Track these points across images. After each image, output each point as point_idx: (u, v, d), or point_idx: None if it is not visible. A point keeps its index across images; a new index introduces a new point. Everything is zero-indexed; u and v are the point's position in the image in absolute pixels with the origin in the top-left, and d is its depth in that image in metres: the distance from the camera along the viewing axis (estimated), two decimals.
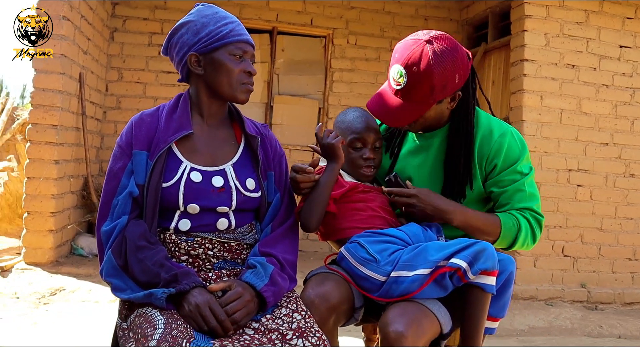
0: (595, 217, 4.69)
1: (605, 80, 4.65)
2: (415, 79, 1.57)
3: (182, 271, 1.40)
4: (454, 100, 1.67)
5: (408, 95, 1.61)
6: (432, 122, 1.70)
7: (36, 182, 4.11)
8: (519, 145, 1.68)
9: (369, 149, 1.73)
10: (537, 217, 1.70)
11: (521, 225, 1.66)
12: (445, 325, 1.48)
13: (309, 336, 1.33)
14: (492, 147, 1.65)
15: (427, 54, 1.55)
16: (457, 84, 1.63)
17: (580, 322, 4.26)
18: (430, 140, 1.76)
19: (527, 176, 1.69)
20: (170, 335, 1.25)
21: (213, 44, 1.52)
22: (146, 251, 1.42)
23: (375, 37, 5.76)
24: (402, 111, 1.63)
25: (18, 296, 3.72)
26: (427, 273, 1.45)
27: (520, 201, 1.68)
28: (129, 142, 1.53)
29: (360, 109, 1.81)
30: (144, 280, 1.40)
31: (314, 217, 1.62)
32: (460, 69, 1.61)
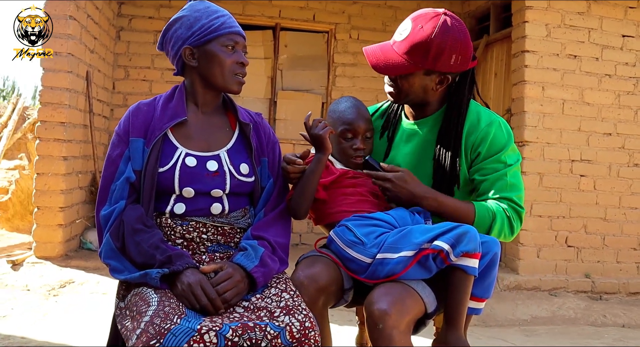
0: (599, 207, 4.68)
1: (607, 70, 4.64)
2: (415, 36, 1.65)
3: (176, 253, 1.47)
4: (441, 83, 1.71)
5: (402, 47, 1.67)
6: (416, 94, 1.72)
7: (45, 178, 4.21)
8: (504, 135, 1.70)
9: (359, 139, 1.77)
10: (515, 209, 1.69)
11: (496, 214, 1.65)
12: (429, 304, 1.52)
13: (296, 313, 1.39)
14: (478, 136, 1.68)
15: (438, 21, 1.64)
16: (451, 66, 1.66)
17: (584, 312, 4.27)
18: (421, 127, 1.80)
19: (511, 167, 1.69)
20: (162, 311, 1.31)
21: (206, 36, 1.58)
22: (142, 234, 1.49)
23: (378, 31, 5.79)
24: (392, 60, 1.68)
25: (29, 288, 3.82)
26: (411, 255, 1.50)
27: (500, 190, 1.67)
28: (127, 130, 1.60)
29: (353, 98, 1.85)
30: (140, 261, 1.47)
31: (302, 205, 1.68)
32: (459, 53, 1.65)
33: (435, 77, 1.69)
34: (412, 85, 1.70)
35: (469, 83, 1.75)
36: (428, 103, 1.77)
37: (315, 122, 1.64)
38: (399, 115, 1.88)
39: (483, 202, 1.68)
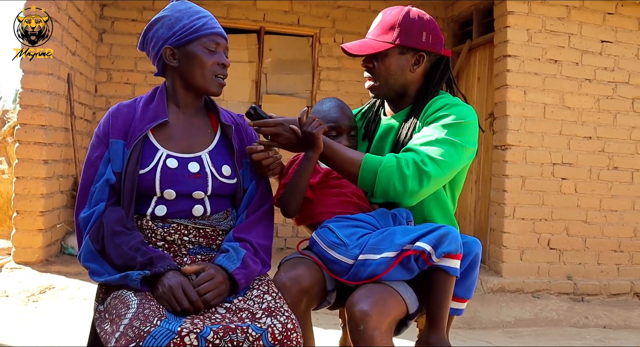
0: (580, 210, 4.74)
1: (587, 75, 4.70)
2: (384, 19, 1.74)
3: (157, 255, 1.45)
4: (418, 62, 1.73)
5: (374, 32, 1.76)
6: (394, 78, 1.74)
7: (25, 181, 4.14)
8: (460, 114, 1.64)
9: (344, 137, 1.77)
10: (416, 161, 1.56)
11: (383, 160, 1.56)
12: (411, 305, 1.52)
13: (278, 315, 1.38)
14: (435, 108, 1.69)
15: (404, 7, 1.77)
16: (423, 44, 1.71)
17: (566, 313, 4.32)
18: (397, 119, 1.81)
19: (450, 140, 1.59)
20: (142, 314, 1.29)
21: (187, 37, 1.57)
22: (123, 236, 1.47)
23: (362, 35, 5.68)
24: (366, 43, 1.75)
25: (7, 294, 3.75)
26: (393, 256, 1.50)
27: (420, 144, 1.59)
28: (106, 132, 1.58)
29: (336, 98, 1.87)
30: (120, 264, 1.45)
31: (293, 204, 1.67)
32: (429, 31, 1.72)
33: (411, 56, 1.73)
34: (389, 67, 1.73)
35: (442, 69, 1.77)
36: (407, 92, 1.78)
37: (309, 120, 1.60)
38: (379, 114, 1.89)
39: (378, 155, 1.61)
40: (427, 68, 1.77)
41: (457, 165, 1.62)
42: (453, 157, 1.59)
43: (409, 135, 1.71)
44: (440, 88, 1.79)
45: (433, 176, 1.56)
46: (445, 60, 1.78)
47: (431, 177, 1.55)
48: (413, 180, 1.55)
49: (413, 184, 1.55)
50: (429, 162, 1.56)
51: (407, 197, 1.58)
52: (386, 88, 1.76)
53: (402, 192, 1.56)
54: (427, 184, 1.56)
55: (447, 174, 1.60)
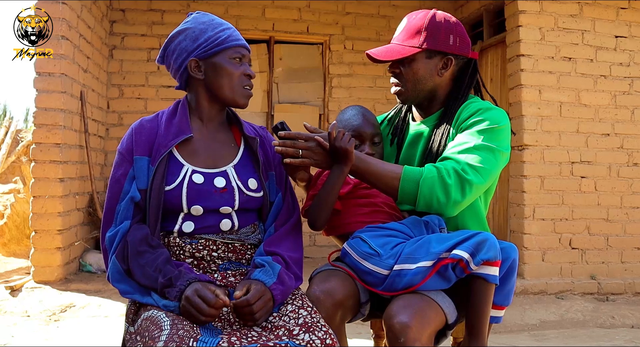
0: (601, 208, 4.67)
1: (602, 71, 4.65)
2: (410, 24, 1.71)
3: (176, 274, 1.41)
4: (446, 66, 1.70)
5: (400, 37, 1.72)
6: (423, 83, 1.70)
7: (42, 200, 4.15)
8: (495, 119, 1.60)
9: (367, 144, 1.74)
10: (457, 170, 1.51)
11: (424, 171, 1.52)
12: (450, 315, 1.48)
13: (316, 330, 1.34)
14: (469, 113, 1.65)
15: (430, 11, 1.73)
16: (451, 47, 1.68)
17: (592, 314, 4.24)
18: (427, 125, 1.77)
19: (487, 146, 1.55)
20: (176, 335, 1.26)
21: (213, 48, 1.55)
22: (147, 255, 1.44)
23: (372, 41, 5.80)
24: (392, 49, 1.71)
25: (29, 314, 3.74)
26: (430, 265, 1.45)
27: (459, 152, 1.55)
28: (130, 149, 1.55)
29: (358, 106, 1.83)
30: (146, 284, 1.43)
31: (321, 217, 1.63)
32: (456, 34, 1.68)
33: (438, 60, 1.69)
34: (416, 72, 1.69)
35: (471, 72, 1.74)
36: (436, 96, 1.75)
37: (339, 134, 1.54)
38: (407, 120, 1.86)
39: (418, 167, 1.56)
40: (455, 72, 1.74)
41: (496, 171, 1.59)
42: (492, 163, 1.56)
43: (442, 143, 1.67)
44: (470, 92, 1.76)
45: (475, 184, 1.52)
46: (474, 63, 1.75)
47: (473, 185, 1.52)
48: (456, 189, 1.51)
49: (456, 193, 1.51)
50: (469, 170, 1.52)
51: (451, 208, 1.53)
52: (414, 93, 1.73)
53: (446, 203, 1.51)
54: (469, 193, 1.52)
55: (488, 181, 1.56)
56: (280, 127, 1.59)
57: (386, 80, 5.88)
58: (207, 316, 1.34)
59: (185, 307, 1.35)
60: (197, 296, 1.34)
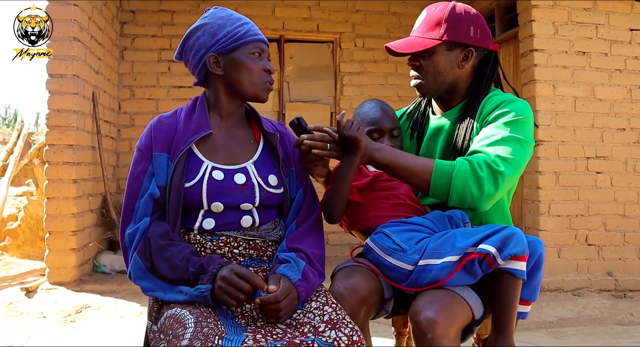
0: (617, 203, 4.61)
1: (617, 65, 4.59)
2: (430, 16, 1.68)
3: (206, 260, 1.41)
4: (466, 58, 1.67)
5: (420, 29, 1.70)
6: (443, 75, 1.67)
7: (56, 202, 4.16)
8: (519, 110, 1.58)
9: (386, 138, 1.72)
10: (488, 163, 1.49)
11: (456, 164, 1.49)
12: (477, 311, 1.46)
13: (342, 327, 1.32)
14: (492, 105, 1.63)
15: (450, 3, 1.71)
16: (471, 39, 1.65)
17: (610, 310, 4.19)
18: (448, 118, 1.75)
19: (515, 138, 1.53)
20: (201, 333, 1.24)
21: (232, 44, 1.54)
22: (171, 248, 1.42)
23: (383, 38, 5.77)
24: (412, 41, 1.69)
25: (44, 315, 3.75)
26: (456, 260, 1.43)
27: (488, 144, 1.52)
28: (149, 145, 1.54)
29: (376, 99, 1.81)
30: (174, 277, 1.41)
31: (336, 209, 1.61)
32: (476, 26, 1.66)
33: (459, 52, 1.67)
34: (437, 65, 1.67)
35: (492, 64, 1.71)
36: (457, 89, 1.72)
37: (349, 123, 1.52)
38: (427, 113, 1.83)
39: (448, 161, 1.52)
40: (475, 64, 1.71)
41: (525, 162, 1.57)
42: (521, 154, 1.54)
43: (467, 137, 1.64)
44: (491, 84, 1.73)
45: (507, 176, 1.49)
46: (494, 55, 1.72)
47: (505, 177, 1.49)
48: (489, 182, 1.48)
49: (489, 186, 1.47)
50: (500, 162, 1.49)
51: (484, 201, 1.50)
52: (435, 86, 1.70)
53: (479, 197, 1.48)
54: (502, 185, 1.49)
55: (518, 172, 1.54)
56: (297, 123, 1.57)
57: (397, 78, 5.88)
58: (247, 293, 1.32)
59: (222, 287, 1.33)
60: (235, 275, 1.33)
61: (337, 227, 1.81)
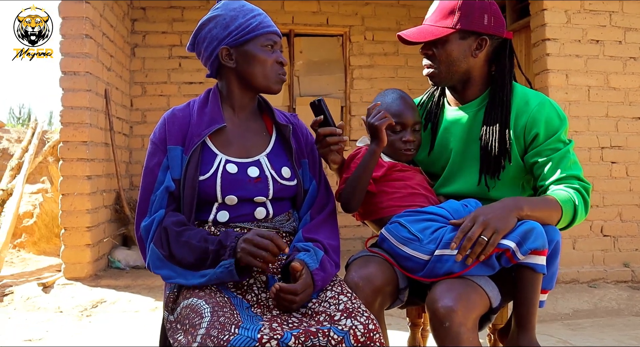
0: (633, 194, 4.55)
1: (632, 53, 4.52)
2: (442, 4, 1.66)
3: (223, 235, 1.42)
4: (480, 46, 1.64)
5: (433, 18, 1.67)
6: (457, 64, 1.65)
7: (71, 198, 4.20)
8: (559, 115, 1.63)
9: (408, 131, 1.70)
10: (585, 186, 1.59)
11: (575, 199, 1.54)
12: (494, 299, 1.45)
13: (357, 315, 1.32)
14: (530, 116, 1.61)
15: None
16: (485, 27, 1.62)
17: (627, 302, 4.15)
18: (466, 111, 1.73)
19: (569, 145, 1.62)
20: (218, 322, 1.25)
21: (244, 36, 1.53)
22: (187, 233, 1.43)
23: (392, 31, 5.73)
24: (426, 29, 1.67)
25: (61, 310, 3.79)
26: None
27: (567, 169, 1.57)
28: (163, 138, 1.54)
29: (398, 90, 1.78)
30: (193, 259, 1.41)
31: (355, 199, 1.60)
32: (491, 13, 1.63)
33: (472, 40, 1.64)
34: (450, 54, 1.64)
35: (509, 53, 1.69)
36: (471, 78, 1.70)
37: (375, 111, 1.52)
38: (442, 104, 1.81)
39: (558, 192, 1.55)
40: (489, 52, 1.68)
41: None
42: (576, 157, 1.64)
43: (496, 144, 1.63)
44: (512, 78, 1.69)
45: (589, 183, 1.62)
46: (509, 43, 1.69)
47: (590, 185, 1.61)
48: (589, 202, 1.59)
49: (589, 204, 1.60)
50: (581, 176, 1.60)
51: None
52: (448, 75, 1.68)
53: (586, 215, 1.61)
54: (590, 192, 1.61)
55: None
56: (317, 104, 1.58)
57: (408, 71, 5.84)
58: (272, 252, 1.33)
59: (246, 249, 1.34)
60: (257, 236, 1.34)
61: (349, 221, 1.81)
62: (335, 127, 1.56)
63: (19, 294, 4.06)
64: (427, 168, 1.82)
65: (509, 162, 1.64)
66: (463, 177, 1.72)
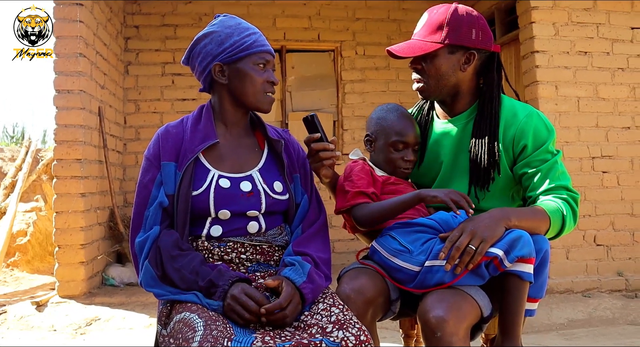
0: (624, 202, 4.59)
1: (620, 64, 4.59)
2: (431, 19, 1.68)
3: (215, 274, 1.42)
4: (469, 61, 1.67)
5: (422, 33, 1.69)
6: (446, 79, 1.67)
7: (65, 216, 4.19)
8: (546, 126, 1.66)
9: (410, 150, 1.73)
10: (573, 196, 1.62)
11: (563, 209, 1.57)
12: (485, 308, 1.46)
13: (349, 327, 1.33)
14: (519, 128, 1.63)
15: (451, 5, 1.69)
16: (473, 41, 1.64)
17: (621, 311, 4.15)
18: (455, 124, 1.75)
19: (557, 156, 1.64)
20: (210, 335, 1.26)
21: (238, 54, 1.55)
22: (180, 259, 1.45)
23: (383, 45, 5.79)
24: (414, 45, 1.68)
25: (55, 328, 3.77)
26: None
27: (555, 179, 1.60)
28: (157, 154, 1.56)
29: (401, 107, 1.81)
30: (185, 287, 1.44)
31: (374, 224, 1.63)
32: (479, 28, 1.65)
33: (461, 55, 1.66)
34: (439, 68, 1.66)
35: (497, 66, 1.71)
36: (459, 92, 1.72)
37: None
38: (431, 117, 1.84)
39: (546, 202, 1.58)
40: (477, 66, 1.70)
41: None
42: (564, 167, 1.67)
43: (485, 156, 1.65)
44: (500, 91, 1.72)
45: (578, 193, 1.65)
46: (497, 57, 1.72)
47: (579, 195, 1.64)
48: (577, 211, 1.62)
49: (578, 213, 1.62)
50: (570, 186, 1.62)
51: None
52: (437, 89, 1.70)
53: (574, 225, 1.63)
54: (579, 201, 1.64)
55: None
56: (310, 119, 1.60)
57: (399, 84, 5.90)
58: (254, 313, 1.34)
59: (231, 305, 1.36)
60: (244, 294, 1.36)
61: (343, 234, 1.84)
62: (328, 143, 1.59)
63: (12, 313, 4.04)
64: (417, 180, 1.84)
65: (498, 173, 1.66)
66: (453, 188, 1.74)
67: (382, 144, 1.73)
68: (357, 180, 1.64)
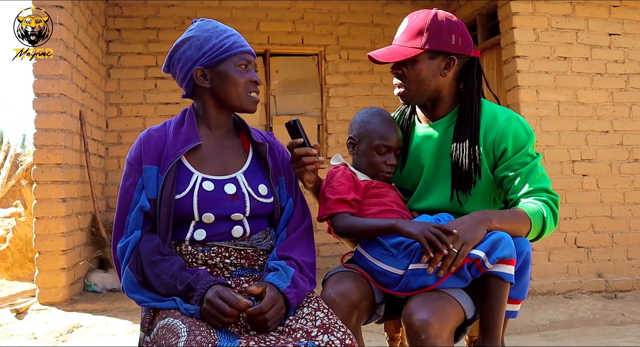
0: (604, 205, 4.67)
1: (598, 69, 4.68)
2: (411, 24, 1.70)
3: (193, 279, 1.41)
4: (449, 66, 1.69)
5: (402, 38, 1.71)
6: (426, 83, 1.69)
7: (45, 221, 4.13)
8: (526, 129, 1.68)
9: (392, 155, 1.74)
10: (553, 198, 1.64)
11: (544, 211, 1.59)
12: (468, 310, 1.48)
13: (334, 331, 1.33)
14: (499, 131, 1.65)
15: (431, 11, 1.72)
16: (453, 47, 1.66)
17: (602, 312, 4.22)
18: (436, 128, 1.77)
19: (537, 159, 1.67)
20: (194, 341, 1.25)
21: (218, 56, 1.55)
22: (161, 264, 1.44)
23: (367, 50, 5.75)
24: (395, 50, 1.70)
25: (36, 336, 3.70)
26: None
27: (535, 182, 1.62)
28: (138, 158, 1.55)
29: (384, 111, 1.82)
30: (165, 293, 1.42)
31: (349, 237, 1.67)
32: (458, 33, 1.67)
33: (441, 60, 1.68)
34: (419, 73, 1.68)
35: (477, 71, 1.73)
36: (440, 97, 1.74)
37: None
38: (412, 121, 1.85)
39: (527, 204, 1.60)
40: (457, 71, 1.73)
41: None
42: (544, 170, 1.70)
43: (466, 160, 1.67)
44: (480, 95, 1.74)
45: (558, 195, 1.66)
46: (477, 62, 1.74)
47: (559, 197, 1.66)
48: (558, 213, 1.64)
49: (558, 215, 1.64)
50: (550, 188, 1.65)
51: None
52: (418, 94, 1.72)
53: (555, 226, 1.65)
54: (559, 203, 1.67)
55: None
56: (293, 125, 1.60)
57: (383, 89, 5.93)
58: (229, 317, 1.33)
59: (207, 309, 1.34)
60: (218, 298, 1.34)
61: (328, 238, 1.84)
62: (310, 148, 1.59)
63: None
64: (399, 184, 1.85)
65: (479, 177, 1.68)
66: (435, 192, 1.75)
67: (365, 147, 1.74)
68: (338, 186, 1.65)
